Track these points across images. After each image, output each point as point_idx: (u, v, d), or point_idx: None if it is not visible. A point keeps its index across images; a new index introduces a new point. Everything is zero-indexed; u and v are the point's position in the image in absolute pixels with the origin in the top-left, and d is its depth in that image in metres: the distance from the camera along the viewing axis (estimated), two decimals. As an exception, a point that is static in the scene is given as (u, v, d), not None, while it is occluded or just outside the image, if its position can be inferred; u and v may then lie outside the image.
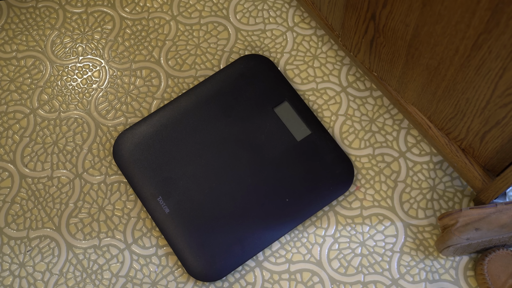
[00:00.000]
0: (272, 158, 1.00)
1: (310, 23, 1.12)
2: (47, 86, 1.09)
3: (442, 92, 0.83)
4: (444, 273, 0.97)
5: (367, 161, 1.03)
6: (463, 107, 0.81)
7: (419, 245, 0.99)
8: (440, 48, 0.76)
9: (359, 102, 1.07)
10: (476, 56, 0.71)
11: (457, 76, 0.77)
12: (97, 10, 1.14)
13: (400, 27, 0.80)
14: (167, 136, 1.02)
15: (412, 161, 1.03)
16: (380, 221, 1.00)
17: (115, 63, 1.11)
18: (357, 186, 1.02)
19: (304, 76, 1.09)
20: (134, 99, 1.08)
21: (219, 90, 1.05)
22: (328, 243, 0.99)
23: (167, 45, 1.11)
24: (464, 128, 0.86)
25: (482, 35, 0.67)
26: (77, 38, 1.12)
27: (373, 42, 0.90)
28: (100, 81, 1.10)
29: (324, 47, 1.10)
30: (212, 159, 1.00)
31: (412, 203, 1.01)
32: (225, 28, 1.12)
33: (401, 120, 1.05)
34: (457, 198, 1.01)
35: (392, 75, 0.93)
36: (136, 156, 1.01)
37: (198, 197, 0.98)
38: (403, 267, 0.98)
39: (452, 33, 0.71)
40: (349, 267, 0.98)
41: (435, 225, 1.00)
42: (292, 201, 0.98)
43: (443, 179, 1.02)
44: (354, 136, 1.05)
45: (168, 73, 1.10)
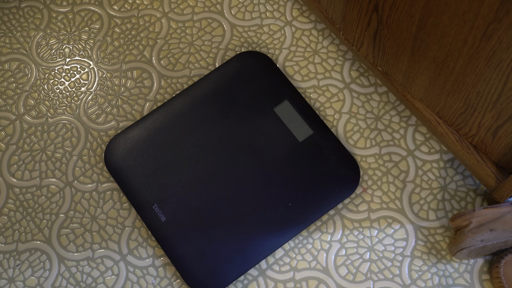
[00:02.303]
0: (273, 160, 1.00)
1: (309, 16, 1.12)
2: (33, 90, 1.10)
3: (451, 86, 0.83)
4: (458, 277, 0.97)
5: (374, 161, 1.03)
6: (473, 101, 0.82)
7: (430, 249, 0.99)
8: (447, 39, 0.76)
9: (364, 98, 1.07)
10: (486, 47, 0.71)
11: (467, 68, 0.77)
12: (84, 9, 1.14)
13: (404, 18, 0.81)
14: (162, 140, 1.02)
15: (421, 160, 1.03)
16: (389, 224, 1.00)
17: (104, 64, 1.11)
18: (364, 187, 1.02)
19: (304, 73, 1.09)
20: (126, 102, 1.08)
21: (215, 90, 1.05)
22: (335, 249, 0.99)
23: (158, 44, 1.11)
24: (475, 123, 0.86)
25: (491, 24, 0.67)
26: (64, 39, 1.12)
27: (377, 35, 0.90)
28: (89, 83, 1.10)
29: (325, 42, 1.11)
30: (209, 163, 1.00)
31: (422, 204, 1.01)
32: (219, 24, 1.13)
33: (408, 116, 1.06)
34: (469, 198, 1.01)
35: (397, 69, 0.93)
36: (129, 162, 1.01)
37: (195, 204, 0.98)
38: (415, 272, 0.98)
39: (460, 23, 0.71)
40: (357, 273, 0.98)
41: (447, 227, 1.00)
42: (295, 205, 0.98)
43: (454, 178, 1.02)
44: (359, 135, 1.05)
45: (161, 74, 1.10)
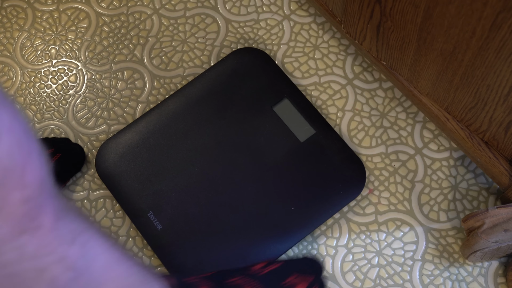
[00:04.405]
0: (274, 162, 1.00)
1: (308, 9, 1.12)
2: (18, 94, 1.10)
3: (459, 80, 0.84)
4: (472, 281, 0.97)
5: (380, 160, 1.03)
6: (483, 95, 0.82)
7: (442, 252, 0.99)
8: (455, 30, 0.76)
9: (368, 95, 1.07)
10: (496, 38, 0.71)
11: (476, 60, 0.77)
12: (70, 7, 1.14)
13: (409, 9, 0.81)
14: (155, 143, 1.02)
15: (430, 158, 1.03)
16: (398, 226, 1.00)
17: (93, 65, 1.11)
18: (370, 189, 1.02)
19: (304, 69, 1.09)
20: (117, 104, 1.08)
21: (211, 89, 1.05)
22: (341, 254, 0.99)
23: (150, 42, 1.11)
24: (486, 118, 0.86)
25: (501, 13, 0.67)
26: (50, 40, 1.12)
27: (380, 28, 0.90)
28: (78, 86, 1.10)
29: (325, 36, 1.11)
30: (206, 167, 1.00)
31: (433, 205, 1.01)
32: (214, 20, 1.13)
33: (415, 113, 1.06)
34: (482, 197, 1.01)
35: (403, 63, 0.93)
36: (122, 168, 1.01)
37: (193, 210, 0.98)
38: (426, 277, 0.98)
39: (468, 13, 0.72)
40: (365, 279, 0.98)
41: (459, 228, 1.00)
42: (298, 209, 0.98)
43: (465, 176, 1.02)
44: (363, 134, 1.05)
45: (153, 74, 1.10)
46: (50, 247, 0.51)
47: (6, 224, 0.46)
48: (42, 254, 0.51)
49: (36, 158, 0.47)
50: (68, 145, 1.02)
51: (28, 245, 0.49)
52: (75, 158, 1.02)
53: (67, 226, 0.53)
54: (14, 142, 0.44)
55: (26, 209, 0.47)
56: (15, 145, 0.44)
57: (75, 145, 1.03)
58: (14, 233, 0.47)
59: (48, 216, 0.50)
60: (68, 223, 0.54)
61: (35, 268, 0.51)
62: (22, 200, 0.46)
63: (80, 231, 0.56)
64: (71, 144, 1.03)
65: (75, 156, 1.02)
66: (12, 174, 0.44)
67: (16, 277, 0.50)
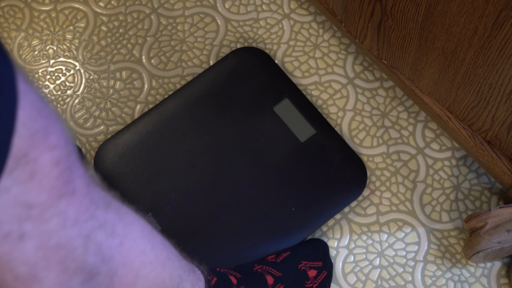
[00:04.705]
0: (274, 162, 1.00)
1: (308, 8, 1.12)
2: (15, 95, 1.09)
3: (461, 78, 0.83)
4: (475, 282, 0.97)
5: (381, 160, 1.03)
6: (486, 93, 0.81)
7: (444, 252, 0.99)
8: (456, 28, 0.76)
9: (369, 94, 1.07)
10: (498, 36, 0.71)
11: (478, 59, 0.77)
12: (67, 7, 1.14)
13: (410, 8, 0.80)
14: (155, 144, 1.02)
15: (431, 158, 1.03)
16: (400, 227, 1.00)
17: (91, 65, 1.11)
18: (371, 189, 1.02)
19: (305, 69, 1.09)
20: (115, 105, 1.08)
21: (210, 89, 1.05)
22: (342, 255, 0.99)
23: (148, 42, 1.11)
24: (488, 117, 0.86)
25: (503, 11, 0.67)
26: (47, 39, 1.12)
27: (381, 26, 0.90)
28: (76, 86, 1.10)
29: (325, 35, 1.10)
30: (206, 168, 1.00)
31: (435, 205, 1.01)
32: (213, 19, 1.12)
33: (417, 112, 1.05)
34: (484, 197, 1.01)
35: (404, 62, 0.93)
36: (121, 169, 1.01)
37: (193, 212, 0.98)
38: (428, 278, 0.97)
39: (469, 11, 0.71)
40: (367, 281, 0.98)
41: (461, 229, 1.00)
42: (299, 210, 0.98)
43: (467, 176, 1.02)
44: (365, 133, 1.05)
45: (152, 73, 1.10)
46: (89, 211, 0.50)
47: (43, 189, 0.45)
48: (83, 220, 0.49)
49: (56, 119, 0.46)
50: None
51: (69, 210, 0.47)
52: None
53: (98, 192, 0.52)
54: (33, 105, 0.43)
55: (58, 171, 0.45)
56: (35, 108, 0.43)
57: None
58: (53, 197, 0.45)
59: (80, 180, 0.48)
60: (98, 190, 0.52)
61: (79, 234, 0.49)
62: (53, 161, 0.45)
63: (110, 197, 0.55)
64: None
65: None
66: (38, 136, 0.43)
67: (64, 248, 0.48)
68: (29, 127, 0.43)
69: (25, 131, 0.42)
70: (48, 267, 0.47)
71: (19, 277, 0.46)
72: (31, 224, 0.45)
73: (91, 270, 0.51)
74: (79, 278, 0.50)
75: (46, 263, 0.47)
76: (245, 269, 0.88)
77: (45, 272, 0.47)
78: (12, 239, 0.44)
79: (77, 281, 0.50)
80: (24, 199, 0.44)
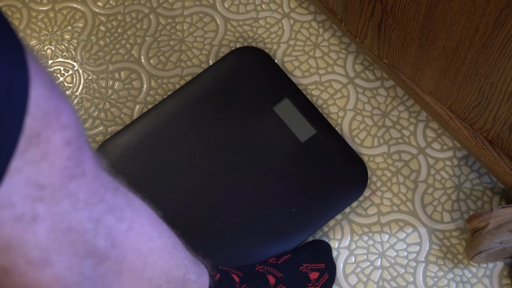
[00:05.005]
0: (274, 163, 1.00)
1: (308, 7, 1.12)
2: (13, 95, 1.09)
3: (462, 78, 0.83)
4: (477, 282, 0.97)
5: (382, 160, 1.03)
6: (487, 93, 0.81)
7: (446, 253, 0.99)
8: (457, 27, 0.76)
9: (369, 94, 1.07)
10: (499, 35, 0.71)
11: (479, 58, 0.77)
12: (65, 7, 1.14)
13: (411, 6, 0.80)
14: (154, 145, 1.02)
15: (433, 158, 1.03)
16: (401, 227, 1.00)
17: (89, 66, 1.10)
18: (372, 189, 1.02)
19: (305, 68, 1.09)
20: (114, 105, 1.08)
21: (209, 89, 1.04)
22: (343, 256, 0.99)
23: (147, 42, 1.11)
24: (490, 117, 0.86)
25: (504, 10, 0.67)
26: (45, 40, 1.12)
27: (381, 25, 0.90)
28: (74, 86, 1.10)
29: (326, 34, 1.10)
30: (206, 168, 1.00)
31: (436, 206, 1.01)
32: (212, 18, 1.12)
33: (418, 112, 1.05)
34: (486, 197, 1.01)
35: (405, 61, 0.93)
36: (120, 170, 1.01)
37: (192, 213, 0.98)
38: (430, 279, 0.97)
39: (471, 10, 0.71)
40: (368, 282, 0.98)
41: (463, 229, 1.00)
42: (300, 210, 0.98)
43: (469, 176, 1.02)
44: (365, 133, 1.05)
45: (151, 74, 1.10)
46: (99, 194, 0.49)
47: (55, 170, 0.44)
48: (93, 202, 0.48)
49: (66, 99, 0.45)
50: None
51: (79, 191, 0.47)
52: None
53: (106, 175, 0.51)
54: (45, 84, 0.43)
55: (69, 151, 0.44)
56: (46, 87, 0.43)
57: None
58: (64, 178, 0.45)
59: (89, 162, 0.48)
60: (106, 174, 0.51)
61: (90, 217, 0.48)
62: (64, 141, 0.44)
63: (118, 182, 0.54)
64: None
65: None
66: (50, 116, 0.43)
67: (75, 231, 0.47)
68: (42, 106, 0.42)
69: (38, 110, 0.42)
70: (59, 251, 0.47)
71: (31, 261, 0.45)
72: (43, 206, 0.44)
73: (101, 254, 0.50)
74: (90, 262, 0.49)
75: (58, 246, 0.46)
76: (247, 269, 0.88)
77: (56, 256, 0.47)
78: (25, 222, 0.43)
79: (88, 265, 0.49)
80: (35, 179, 0.43)
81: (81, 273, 0.49)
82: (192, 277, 0.68)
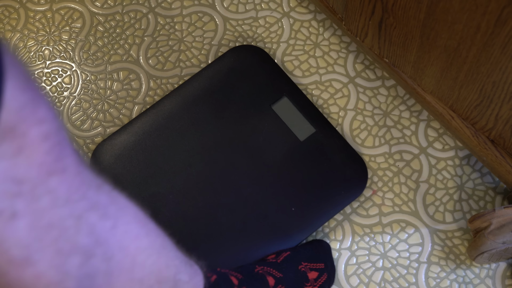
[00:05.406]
0: (273, 162, 1.00)
1: (308, 6, 1.12)
2: (11, 96, 1.09)
3: (464, 77, 0.83)
4: (480, 283, 0.97)
5: (383, 160, 1.03)
6: (489, 92, 0.81)
7: (448, 253, 0.99)
8: (459, 26, 0.76)
9: (370, 93, 1.07)
10: (501, 33, 0.71)
11: (481, 57, 0.77)
12: (63, 7, 1.14)
13: (411, 5, 0.80)
14: (152, 144, 1.02)
15: (434, 158, 1.03)
16: (403, 228, 1.00)
17: (88, 66, 1.10)
18: (374, 190, 1.02)
19: (305, 68, 1.09)
20: (112, 106, 1.08)
21: (207, 88, 1.04)
22: (345, 257, 0.99)
23: (146, 42, 1.11)
24: (492, 116, 0.86)
25: (506, 8, 0.67)
26: (43, 40, 1.12)
27: (382, 24, 0.90)
28: (72, 87, 1.10)
29: (326, 33, 1.10)
30: (204, 168, 1.00)
31: (438, 206, 1.01)
32: (211, 18, 1.12)
33: (419, 111, 1.05)
34: (488, 197, 1.01)
35: (406, 60, 0.93)
36: (118, 170, 1.01)
37: (191, 213, 0.98)
38: (432, 280, 0.97)
39: (472, 8, 0.71)
40: (370, 283, 0.98)
41: (465, 229, 1.00)
42: (299, 210, 0.98)
43: (471, 176, 1.02)
44: (366, 133, 1.05)
45: (149, 74, 1.10)
46: (81, 191, 0.48)
47: (32, 165, 0.43)
48: (75, 199, 0.47)
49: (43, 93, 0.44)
50: None
51: (60, 188, 0.45)
52: None
53: (89, 172, 0.50)
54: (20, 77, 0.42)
55: (48, 146, 0.44)
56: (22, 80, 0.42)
57: None
58: (42, 173, 0.44)
59: (71, 158, 0.47)
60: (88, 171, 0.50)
61: (71, 214, 0.47)
62: (42, 135, 0.43)
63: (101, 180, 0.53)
64: None
65: None
66: (27, 109, 0.42)
67: (56, 228, 0.46)
68: (17, 100, 0.41)
69: (14, 103, 0.41)
70: (41, 248, 0.46)
71: (12, 260, 0.45)
72: (22, 202, 0.43)
73: (85, 252, 0.49)
74: (75, 260, 0.48)
75: (39, 244, 0.45)
76: (247, 270, 0.88)
77: (38, 254, 0.46)
78: (4, 218, 0.42)
79: (72, 263, 0.48)
80: (13, 174, 0.42)
81: (66, 271, 0.48)
82: (183, 277, 0.67)
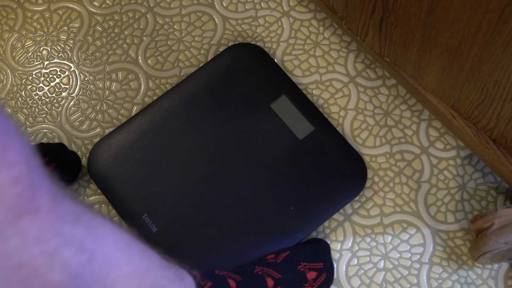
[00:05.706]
0: (272, 161, 1.00)
1: (308, 5, 1.12)
2: (9, 97, 1.09)
3: (465, 76, 0.83)
4: (482, 284, 0.97)
5: (385, 160, 1.03)
6: (491, 91, 0.81)
7: (450, 254, 0.98)
8: (460, 25, 0.76)
9: (371, 93, 1.07)
10: (503, 32, 0.71)
11: (482, 55, 0.77)
12: (61, 7, 1.14)
13: (412, 4, 0.80)
14: (149, 143, 1.02)
15: (436, 158, 1.03)
16: (404, 228, 1.00)
17: (86, 66, 1.10)
18: (375, 190, 1.02)
19: (305, 68, 1.08)
20: (111, 107, 1.08)
21: (205, 87, 1.04)
22: (346, 258, 0.99)
23: (145, 42, 1.11)
24: (494, 115, 0.86)
25: (507, 6, 0.67)
26: (41, 40, 1.12)
27: (383, 23, 0.90)
28: (70, 88, 1.09)
29: (326, 33, 1.10)
30: (202, 167, 1.00)
31: (440, 206, 1.01)
32: (210, 17, 1.12)
33: (420, 111, 1.05)
34: (490, 197, 1.01)
35: (407, 59, 0.92)
36: (115, 169, 1.01)
37: (189, 212, 0.98)
38: (434, 280, 0.97)
39: (473, 7, 0.71)
40: (371, 284, 0.98)
41: (467, 230, 0.99)
42: (298, 209, 0.97)
43: (473, 175, 1.02)
44: (367, 133, 1.04)
45: (148, 74, 1.09)
46: (54, 228, 0.48)
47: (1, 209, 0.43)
48: (47, 237, 0.48)
49: (16, 136, 0.44)
50: (63, 153, 1.01)
51: (31, 228, 0.46)
52: (71, 167, 1.01)
53: (66, 207, 0.50)
54: None
55: (19, 189, 0.44)
56: None
57: (71, 153, 1.02)
58: (12, 216, 0.44)
59: (45, 197, 0.47)
60: (66, 205, 0.51)
61: (43, 252, 0.48)
62: (11, 179, 0.43)
63: (81, 211, 0.53)
64: (66, 151, 1.02)
65: (70, 165, 1.01)
66: None
67: (26, 267, 0.47)
68: None
69: None
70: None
71: None
72: None
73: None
74: None
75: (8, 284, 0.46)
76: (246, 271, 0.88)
77: None
78: None
79: None
80: None
81: None
82: None
